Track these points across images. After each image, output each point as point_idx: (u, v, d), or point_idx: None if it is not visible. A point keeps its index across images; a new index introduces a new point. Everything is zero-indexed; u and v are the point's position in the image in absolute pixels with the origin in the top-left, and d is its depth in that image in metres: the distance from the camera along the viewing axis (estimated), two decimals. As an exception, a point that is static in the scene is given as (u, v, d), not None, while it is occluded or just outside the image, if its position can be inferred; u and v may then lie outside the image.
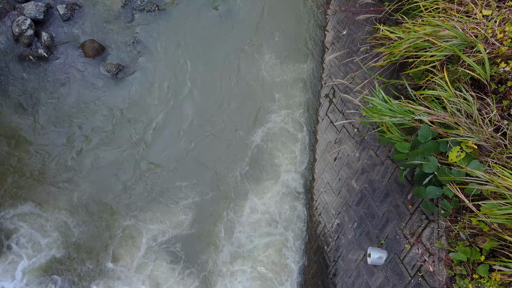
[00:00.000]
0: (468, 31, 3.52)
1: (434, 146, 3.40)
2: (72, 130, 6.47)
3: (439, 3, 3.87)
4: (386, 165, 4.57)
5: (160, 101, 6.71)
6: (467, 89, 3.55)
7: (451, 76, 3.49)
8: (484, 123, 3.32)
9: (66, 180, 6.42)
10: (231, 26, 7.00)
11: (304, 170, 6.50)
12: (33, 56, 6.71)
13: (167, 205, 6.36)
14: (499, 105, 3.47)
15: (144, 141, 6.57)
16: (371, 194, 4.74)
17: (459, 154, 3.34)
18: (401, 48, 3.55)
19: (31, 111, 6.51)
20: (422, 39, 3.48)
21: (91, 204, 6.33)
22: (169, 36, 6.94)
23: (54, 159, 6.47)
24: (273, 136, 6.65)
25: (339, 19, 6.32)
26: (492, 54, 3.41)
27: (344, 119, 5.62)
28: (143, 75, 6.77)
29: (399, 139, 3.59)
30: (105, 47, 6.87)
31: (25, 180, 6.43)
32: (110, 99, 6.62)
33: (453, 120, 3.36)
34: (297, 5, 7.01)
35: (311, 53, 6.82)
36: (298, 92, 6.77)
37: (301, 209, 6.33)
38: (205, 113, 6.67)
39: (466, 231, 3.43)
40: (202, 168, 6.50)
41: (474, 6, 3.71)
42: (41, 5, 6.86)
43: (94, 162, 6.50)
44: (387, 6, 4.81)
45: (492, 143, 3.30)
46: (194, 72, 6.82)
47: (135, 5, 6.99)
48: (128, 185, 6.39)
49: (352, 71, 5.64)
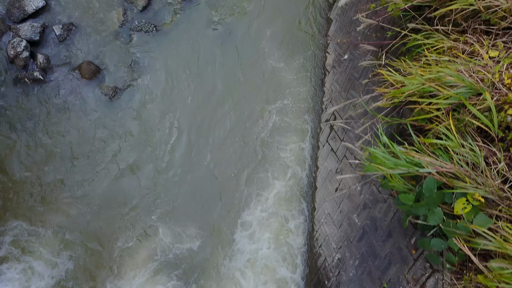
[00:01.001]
0: (474, 75, 3.36)
1: (439, 198, 3.24)
2: (67, 154, 6.35)
3: (444, 42, 3.71)
4: (389, 204, 4.42)
5: (158, 124, 6.58)
6: (474, 135, 3.39)
7: (457, 124, 3.33)
8: (491, 175, 3.17)
9: (66, 203, 6.33)
10: (230, 49, 6.85)
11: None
12: (29, 78, 6.59)
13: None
14: (507, 154, 3.31)
15: (139, 165, 6.44)
16: (373, 232, 4.59)
17: (465, 206, 3.19)
18: (403, 94, 3.39)
19: (26, 135, 6.39)
20: (426, 85, 3.32)
21: (87, 230, 6.21)
22: (167, 57, 6.81)
23: (50, 183, 6.35)
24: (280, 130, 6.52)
25: (341, 35, 6.17)
26: (499, 101, 3.25)
27: (346, 149, 5.47)
28: (140, 98, 6.64)
29: (403, 188, 3.44)
30: (102, 68, 6.74)
31: (23, 203, 6.33)
32: (106, 122, 6.49)
33: (459, 172, 3.20)
34: (298, 33, 6.85)
35: (311, 75, 6.67)
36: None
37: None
38: (202, 142, 6.56)
39: (472, 285, 3.28)
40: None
41: (480, 47, 3.55)
42: (37, 26, 6.74)
43: (89, 186, 6.38)
44: (389, 36, 4.65)
45: (500, 196, 3.15)
46: (192, 96, 6.68)
47: (132, 26, 6.85)
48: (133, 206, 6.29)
49: (353, 98, 5.49)
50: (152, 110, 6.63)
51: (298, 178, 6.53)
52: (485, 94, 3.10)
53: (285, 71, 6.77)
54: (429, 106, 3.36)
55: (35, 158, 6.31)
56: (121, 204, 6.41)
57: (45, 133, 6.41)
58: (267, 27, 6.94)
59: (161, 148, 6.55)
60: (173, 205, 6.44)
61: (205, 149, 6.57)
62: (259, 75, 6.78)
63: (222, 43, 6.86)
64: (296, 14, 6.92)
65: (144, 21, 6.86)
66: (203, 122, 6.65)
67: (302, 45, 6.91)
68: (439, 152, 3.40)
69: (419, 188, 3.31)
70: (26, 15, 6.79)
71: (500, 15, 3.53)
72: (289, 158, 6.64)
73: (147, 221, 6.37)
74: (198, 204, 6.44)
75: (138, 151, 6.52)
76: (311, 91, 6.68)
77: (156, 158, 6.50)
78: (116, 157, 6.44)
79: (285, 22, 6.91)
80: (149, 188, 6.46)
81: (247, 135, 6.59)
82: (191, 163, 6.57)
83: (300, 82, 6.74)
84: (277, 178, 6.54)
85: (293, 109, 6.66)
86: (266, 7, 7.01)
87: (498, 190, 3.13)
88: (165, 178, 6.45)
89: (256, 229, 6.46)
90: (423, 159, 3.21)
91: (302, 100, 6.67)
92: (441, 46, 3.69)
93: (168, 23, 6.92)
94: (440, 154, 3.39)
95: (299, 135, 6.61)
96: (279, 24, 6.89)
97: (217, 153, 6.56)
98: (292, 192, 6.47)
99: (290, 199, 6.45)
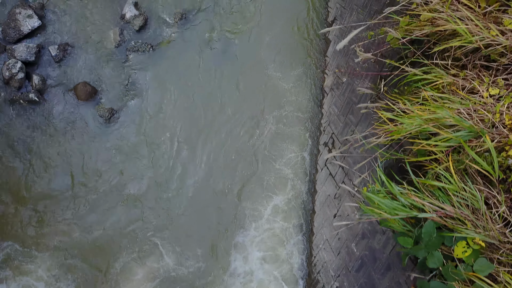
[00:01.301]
0: (474, 114, 3.30)
1: (439, 242, 3.18)
2: (63, 179, 6.29)
3: (443, 77, 3.66)
4: (388, 236, 4.35)
5: (154, 148, 6.52)
6: (474, 175, 3.33)
7: (457, 165, 3.27)
8: (492, 219, 3.11)
9: (67, 225, 6.28)
10: (227, 68, 6.79)
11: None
12: (24, 100, 6.53)
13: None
14: (508, 195, 3.25)
15: (138, 188, 6.39)
16: (371, 264, 4.53)
17: (466, 250, 3.13)
18: (401, 134, 3.33)
19: (20, 158, 6.32)
20: (424, 124, 3.26)
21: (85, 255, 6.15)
22: (163, 77, 6.75)
23: (49, 206, 6.29)
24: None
25: (339, 64, 6.11)
26: (501, 143, 3.19)
27: (344, 174, 5.41)
28: (136, 119, 6.58)
29: (401, 228, 3.38)
30: (98, 89, 6.68)
31: (18, 225, 6.26)
32: (102, 145, 6.43)
33: (459, 215, 3.14)
34: (299, 54, 6.80)
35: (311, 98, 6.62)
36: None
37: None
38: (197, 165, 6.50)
39: (473, 330, 3.21)
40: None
41: (480, 84, 3.49)
42: (32, 46, 6.68)
43: (87, 207, 6.32)
44: (388, 65, 4.60)
45: (501, 241, 3.09)
46: (189, 116, 6.63)
47: (129, 46, 6.79)
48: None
49: (352, 124, 5.43)
50: (148, 131, 6.57)
51: (297, 192, 6.49)
52: (485, 138, 3.04)
53: (286, 91, 6.72)
54: (429, 147, 3.30)
55: (28, 181, 6.25)
56: (122, 223, 6.35)
57: (39, 157, 6.34)
58: (265, 46, 6.89)
59: (160, 167, 6.49)
60: (173, 224, 6.39)
61: (203, 165, 6.51)
62: (258, 95, 6.73)
63: (219, 63, 6.81)
64: (294, 34, 6.87)
65: (140, 41, 6.80)
66: (201, 143, 6.59)
67: (301, 61, 6.86)
68: (439, 193, 3.34)
69: (418, 231, 3.25)
70: (21, 35, 6.73)
71: (500, 51, 3.48)
72: (288, 174, 6.59)
73: (146, 241, 6.31)
74: (198, 223, 6.38)
75: (135, 171, 6.46)
76: (309, 110, 6.63)
77: (156, 180, 6.45)
78: (113, 179, 6.38)
79: (284, 43, 6.86)
80: (151, 208, 6.41)
81: (245, 149, 6.55)
82: (189, 183, 6.51)
83: (299, 101, 6.69)
84: (277, 193, 6.48)
85: (292, 120, 6.61)
86: (263, 26, 6.96)
87: (499, 235, 3.07)
88: (166, 197, 6.40)
89: (253, 249, 6.40)
90: (422, 202, 3.14)
91: (300, 120, 6.63)
92: (441, 82, 3.63)
93: (165, 43, 6.86)
94: (440, 195, 3.33)
95: (298, 146, 6.55)
96: (278, 45, 6.84)
97: (216, 169, 6.51)
98: (290, 213, 6.42)
99: (288, 217, 6.39)
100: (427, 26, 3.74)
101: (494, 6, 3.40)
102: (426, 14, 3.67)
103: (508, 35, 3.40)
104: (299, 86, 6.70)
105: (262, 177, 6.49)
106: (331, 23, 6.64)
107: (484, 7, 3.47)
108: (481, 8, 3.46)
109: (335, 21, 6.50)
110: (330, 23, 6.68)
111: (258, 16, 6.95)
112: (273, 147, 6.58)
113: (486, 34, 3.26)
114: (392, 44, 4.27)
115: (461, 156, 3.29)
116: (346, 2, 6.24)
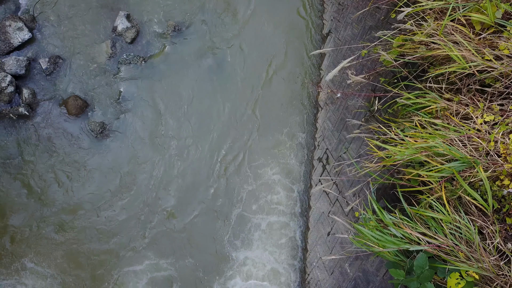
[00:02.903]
0: (468, 143, 3.23)
1: (431, 274, 3.11)
2: (54, 196, 6.19)
3: (437, 102, 3.58)
4: (381, 259, 4.28)
5: (146, 162, 6.43)
6: (468, 205, 3.26)
7: (450, 196, 3.20)
8: (486, 252, 3.04)
9: (56, 244, 6.18)
10: (218, 84, 6.69)
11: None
12: (14, 114, 6.42)
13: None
14: (502, 225, 3.18)
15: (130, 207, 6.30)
16: (365, 286, 4.46)
17: (459, 282, 3.06)
18: (393, 162, 3.26)
19: (7, 174, 6.22)
20: (417, 153, 3.19)
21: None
22: (155, 91, 6.65)
23: (35, 224, 6.20)
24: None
25: (334, 79, 6.04)
26: (495, 172, 3.12)
27: (338, 191, 5.34)
28: (128, 134, 6.48)
29: (393, 259, 3.31)
30: (89, 103, 6.58)
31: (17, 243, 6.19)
32: (92, 161, 6.33)
33: (452, 247, 3.07)
34: (290, 60, 6.72)
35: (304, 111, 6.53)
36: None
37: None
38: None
39: None
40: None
41: (474, 109, 3.42)
42: (22, 59, 6.57)
43: (78, 224, 6.24)
44: (382, 82, 4.52)
45: (495, 273, 3.02)
46: (180, 130, 6.54)
47: (120, 59, 6.68)
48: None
49: (346, 141, 5.36)
50: (138, 147, 6.47)
51: (293, 200, 6.41)
52: (479, 169, 2.97)
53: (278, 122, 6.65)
54: (421, 177, 3.23)
55: (16, 200, 6.16)
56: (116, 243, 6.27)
57: (30, 173, 6.25)
58: (259, 59, 6.80)
59: (148, 188, 6.40)
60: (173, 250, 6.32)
61: (195, 185, 6.43)
62: (251, 112, 6.65)
63: (212, 75, 6.71)
64: (288, 43, 6.78)
65: (132, 54, 6.70)
66: (192, 159, 6.51)
67: (294, 77, 6.77)
68: (432, 222, 3.27)
69: (410, 263, 3.18)
70: (11, 48, 6.63)
71: (495, 76, 3.41)
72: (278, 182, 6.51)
73: (145, 265, 6.24)
74: (185, 248, 6.31)
75: (125, 190, 6.37)
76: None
77: (144, 200, 6.36)
78: (104, 199, 6.29)
79: (279, 55, 6.77)
80: (144, 229, 6.32)
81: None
82: (180, 206, 6.43)
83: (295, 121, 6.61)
84: (269, 213, 6.41)
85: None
86: (259, 38, 6.87)
87: (493, 268, 3.00)
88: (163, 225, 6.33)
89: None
90: (415, 234, 3.07)
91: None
92: (434, 107, 3.56)
93: (157, 55, 6.76)
94: (433, 224, 3.26)
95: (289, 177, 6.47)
96: (273, 56, 6.75)
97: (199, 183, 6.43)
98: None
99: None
100: (421, 49, 3.67)
101: (488, 32, 3.32)
102: (420, 36, 3.59)
103: (504, 60, 3.33)
104: (293, 102, 6.63)
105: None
106: (326, 36, 6.57)
107: (478, 32, 3.40)
108: (474, 34, 3.39)
109: (330, 34, 6.42)
110: (325, 35, 6.60)
111: (251, 28, 6.86)
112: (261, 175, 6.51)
113: (480, 61, 3.19)
114: (386, 64, 4.20)
115: (454, 185, 3.22)
116: (341, 16, 6.17)
